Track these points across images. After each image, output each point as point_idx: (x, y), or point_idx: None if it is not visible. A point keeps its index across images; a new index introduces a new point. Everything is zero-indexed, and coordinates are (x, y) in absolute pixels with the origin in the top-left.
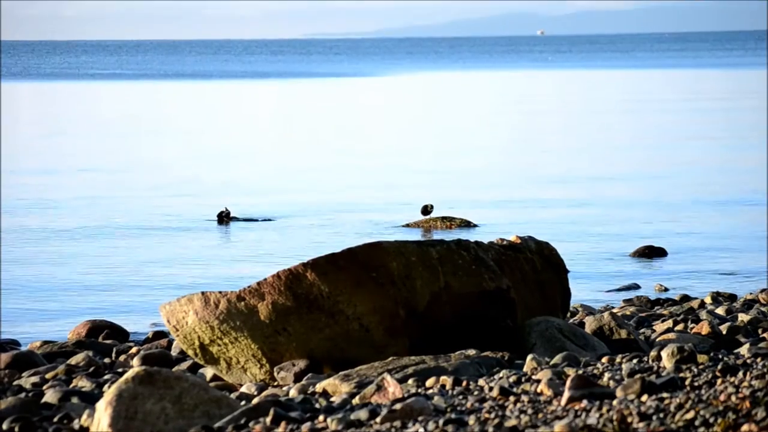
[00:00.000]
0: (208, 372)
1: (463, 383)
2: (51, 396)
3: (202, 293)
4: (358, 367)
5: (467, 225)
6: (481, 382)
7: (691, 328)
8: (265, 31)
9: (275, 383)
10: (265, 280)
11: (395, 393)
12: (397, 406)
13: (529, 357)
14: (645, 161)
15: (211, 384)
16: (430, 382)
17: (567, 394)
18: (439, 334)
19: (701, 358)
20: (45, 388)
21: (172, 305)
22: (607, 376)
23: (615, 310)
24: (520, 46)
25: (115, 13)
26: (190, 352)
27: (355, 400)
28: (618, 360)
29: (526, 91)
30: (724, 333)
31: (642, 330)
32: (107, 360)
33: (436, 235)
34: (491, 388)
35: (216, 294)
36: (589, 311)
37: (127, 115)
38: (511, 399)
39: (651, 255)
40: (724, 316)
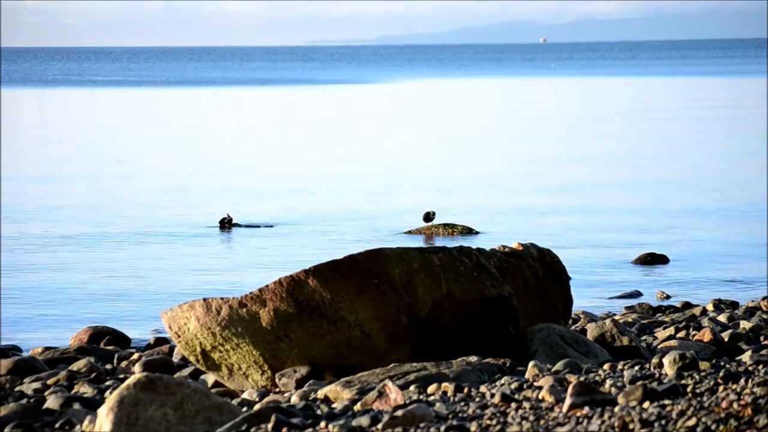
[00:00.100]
0: (210, 378)
1: (465, 390)
2: (53, 402)
3: (204, 299)
4: (360, 374)
5: (469, 232)
6: (482, 388)
7: (693, 336)
8: (267, 39)
9: (277, 389)
10: (267, 286)
11: (397, 399)
12: (399, 413)
13: (531, 364)
14: (646, 168)
15: (213, 390)
16: (431, 389)
17: (569, 401)
18: (441, 340)
19: (703, 365)
20: (47, 394)
21: (174, 311)
22: (608, 383)
23: (617, 317)
24: (523, 54)
25: (115, 21)
26: (192, 359)
27: (357, 407)
28: (620, 367)
29: (528, 98)
30: (726, 340)
31: (644, 337)
32: (109, 366)
33: (438, 241)
34: (493, 395)
35: (218, 300)
36: (591, 318)
37: (129, 121)
38: (513, 406)
39: (653, 262)
40: (726, 324)
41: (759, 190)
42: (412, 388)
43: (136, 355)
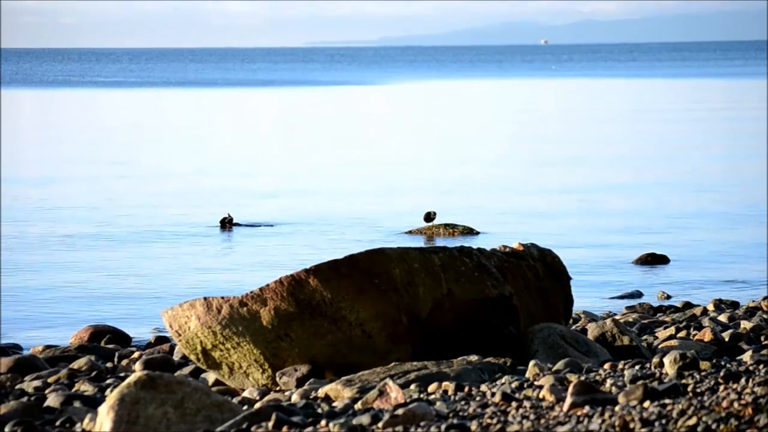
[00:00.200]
0: (210, 377)
1: (465, 389)
2: (53, 400)
3: (205, 298)
4: (361, 373)
5: (470, 232)
6: (483, 387)
7: (694, 335)
8: (267, 40)
9: (277, 388)
10: (268, 285)
11: (397, 398)
12: (399, 412)
13: (532, 363)
14: (647, 169)
15: (213, 389)
16: (432, 388)
17: (569, 400)
18: (441, 340)
19: (704, 365)
20: (47, 392)
21: (175, 310)
22: (609, 382)
23: (617, 317)
24: (524, 55)
25: (114, 21)
26: (193, 357)
27: (357, 405)
28: (620, 366)
29: (529, 99)
30: (726, 340)
31: (644, 337)
32: (109, 364)
33: (439, 242)
34: (493, 394)
35: (218, 299)
36: (592, 318)
37: (130, 122)
38: (513, 405)
39: (653, 262)
40: (726, 323)
41: (759, 191)
42: (412, 386)
43: (136, 354)
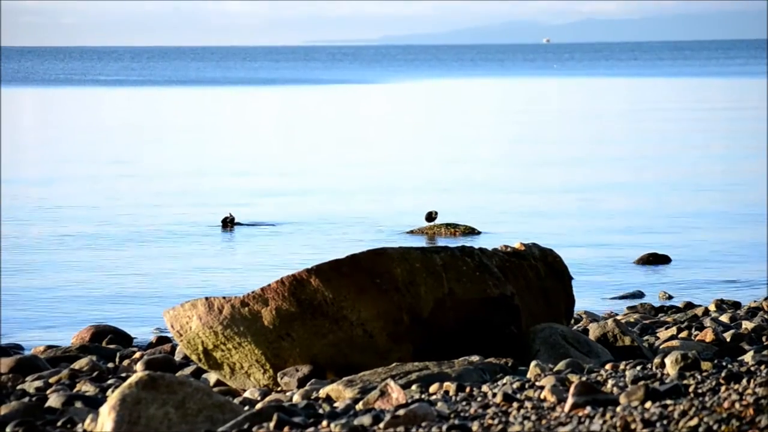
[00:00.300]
0: (212, 377)
1: (467, 389)
2: (54, 400)
3: (206, 298)
4: (362, 373)
5: (471, 232)
6: (484, 388)
7: (695, 336)
8: (268, 38)
9: (279, 388)
10: (269, 285)
11: (398, 399)
12: (401, 412)
13: (533, 363)
14: (648, 169)
15: (215, 389)
16: (433, 388)
17: (570, 401)
18: (443, 340)
19: (705, 366)
20: (48, 392)
21: (176, 310)
22: (610, 382)
23: (619, 317)
24: (525, 54)
25: (115, 21)
26: (194, 357)
27: (359, 406)
28: (621, 367)
29: (530, 98)
30: (728, 340)
31: (646, 337)
32: (111, 365)
33: (440, 241)
34: (495, 395)
35: (220, 299)
36: (593, 318)
37: (131, 121)
38: (515, 405)
39: (655, 262)
40: (728, 324)
41: (761, 191)
42: (414, 387)
43: (138, 354)
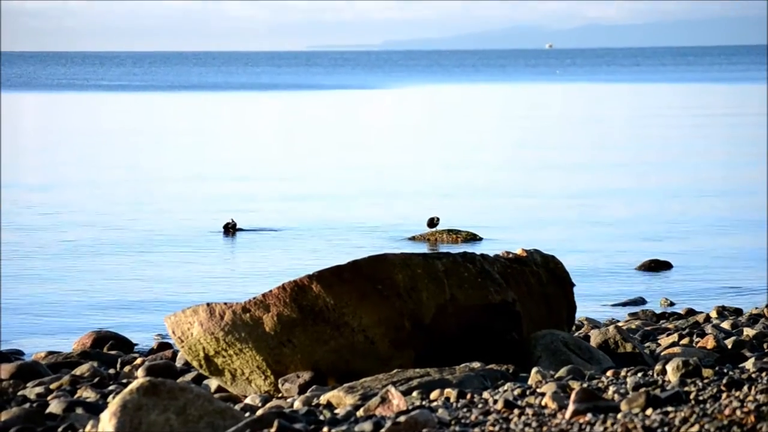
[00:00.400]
0: (213, 383)
1: (468, 396)
2: (55, 406)
3: (207, 304)
4: (363, 379)
5: (473, 238)
6: (485, 394)
7: (697, 342)
8: (271, 43)
9: (280, 395)
10: (271, 291)
11: (399, 405)
12: (402, 419)
13: (534, 370)
14: (650, 175)
15: (216, 395)
16: (434, 395)
17: (571, 408)
18: (444, 346)
19: (706, 372)
20: (49, 398)
21: (177, 316)
22: (611, 389)
23: (620, 324)
24: (527, 60)
25: (118, 26)
26: (195, 364)
27: (360, 413)
28: (623, 373)
29: (532, 104)
30: (729, 347)
31: (647, 344)
32: (112, 371)
33: (442, 248)
34: (495, 401)
35: (221, 305)
36: (595, 325)
37: (133, 126)
38: (516, 412)
39: (656, 269)
40: (729, 331)
41: (762, 198)
42: (414, 393)
43: (139, 360)
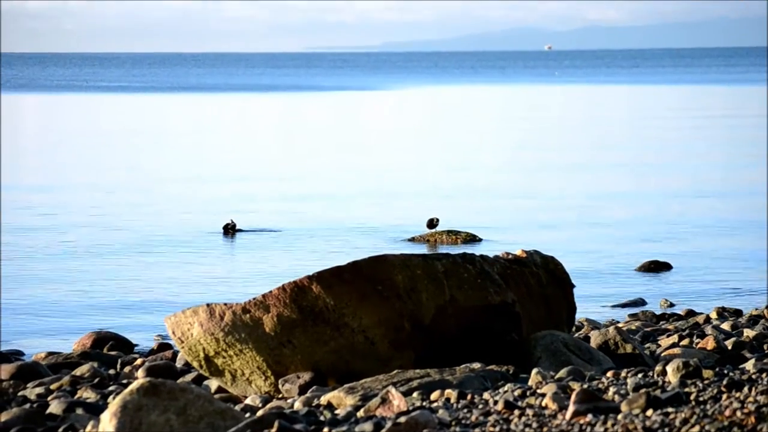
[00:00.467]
0: (213, 384)
1: (468, 396)
2: (56, 407)
3: (208, 305)
4: (363, 380)
5: (473, 239)
6: (485, 395)
7: (697, 343)
8: (269, 45)
9: (280, 395)
10: (271, 292)
11: (400, 406)
12: (402, 419)
13: (534, 371)
14: (650, 176)
15: (216, 396)
16: (434, 396)
17: (572, 408)
18: (444, 347)
19: (706, 373)
20: (50, 399)
21: (177, 317)
22: (612, 390)
23: (620, 325)
24: (527, 61)
25: (117, 27)
26: (195, 364)
27: (360, 413)
28: (623, 374)
29: (531, 105)
30: (729, 348)
31: (647, 345)
32: (112, 371)
33: (442, 248)
34: (496, 402)
35: (221, 306)
36: (595, 326)
37: (132, 127)
38: (516, 413)
39: (656, 270)
40: (729, 332)
41: (762, 199)
42: (415, 394)
43: (139, 361)
